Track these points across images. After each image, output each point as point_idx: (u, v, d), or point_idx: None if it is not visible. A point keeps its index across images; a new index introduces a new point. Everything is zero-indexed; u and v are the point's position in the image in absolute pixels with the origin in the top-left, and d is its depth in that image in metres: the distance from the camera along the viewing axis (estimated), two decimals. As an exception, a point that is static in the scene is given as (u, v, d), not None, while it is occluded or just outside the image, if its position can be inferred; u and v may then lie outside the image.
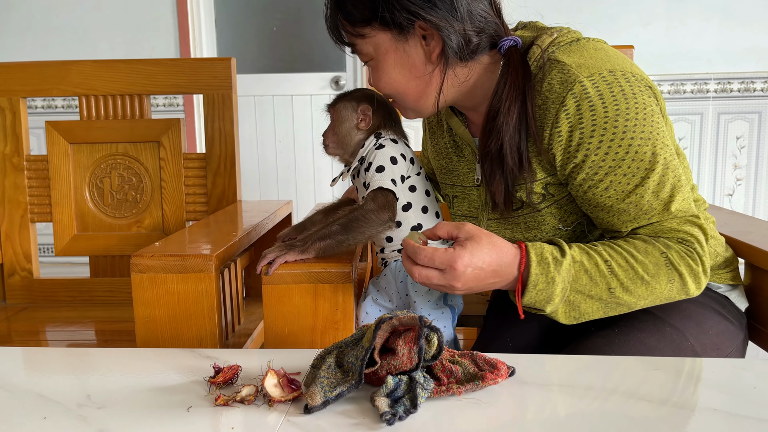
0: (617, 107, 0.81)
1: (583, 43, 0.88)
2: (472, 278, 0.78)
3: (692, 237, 0.83)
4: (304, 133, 3.46)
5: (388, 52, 0.88)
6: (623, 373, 0.68)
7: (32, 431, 0.57)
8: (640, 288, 0.81)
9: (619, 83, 0.82)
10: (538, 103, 0.85)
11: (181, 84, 1.53)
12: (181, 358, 0.74)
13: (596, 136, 0.81)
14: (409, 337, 0.63)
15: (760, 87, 3.16)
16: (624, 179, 0.82)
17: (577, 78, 0.82)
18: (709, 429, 0.56)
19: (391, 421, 0.57)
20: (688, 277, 0.82)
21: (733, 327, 0.93)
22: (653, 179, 0.82)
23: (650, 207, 0.83)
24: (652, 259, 0.81)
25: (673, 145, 0.88)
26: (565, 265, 0.79)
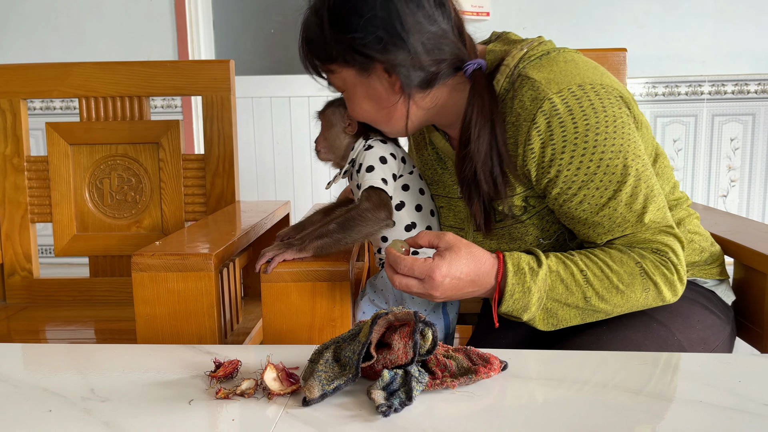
0: (587, 122, 0.83)
1: (553, 56, 0.89)
2: (450, 288, 0.81)
3: (666, 247, 0.85)
4: (301, 135, 3.48)
5: (356, 85, 0.91)
6: (612, 367, 0.70)
7: (38, 423, 0.58)
8: (615, 297, 0.84)
9: (589, 97, 0.84)
10: (510, 120, 0.88)
11: (181, 86, 1.55)
12: (181, 353, 0.75)
13: (567, 152, 0.84)
14: (405, 332, 0.64)
15: (754, 89, 3.19)
16: (597, 193, 0.85)
17: (546, 95, 0.84)
18: (694, 420, 0.58)
19: (387, 413, 0.58)
20: (663, 285, 0.85)
21: (720, 321, 0.95)
22: (625, 191, 0.84)
23: (624, 219, 0.85)
24: (627, 268, 0.84)
25: (647, 155, 0.89)
26: (541, 275, 0.82)
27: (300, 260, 0.95)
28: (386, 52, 0.85)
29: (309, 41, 0.91)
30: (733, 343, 0.99)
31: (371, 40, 0.85)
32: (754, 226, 1.16)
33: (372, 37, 0.84)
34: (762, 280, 0.97)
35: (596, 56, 1.46)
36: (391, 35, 0.84)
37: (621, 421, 0.58)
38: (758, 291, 0.99)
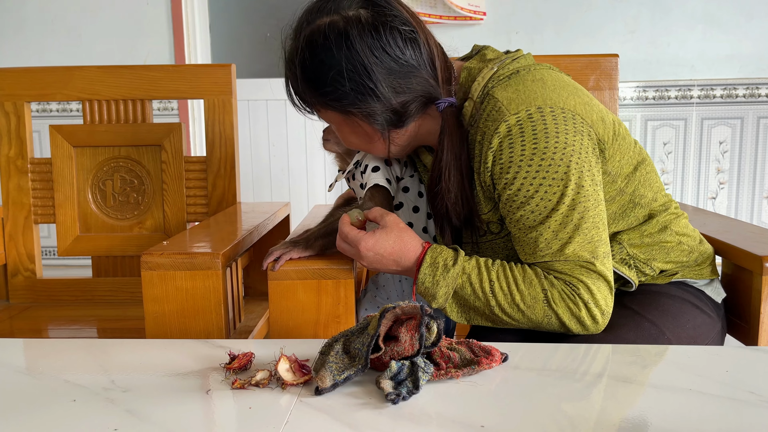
0: (535, 146, 0.86)
1: (522, 75, 0.92)
2: (374, 261, 0.91)
3: (580, 283, 0.86)
4: (297, 137, 3.51)
5: (340, 124, 0.97)
6: (606, 359, 0.74)
7: (64, 412, 0.61)
8: (516, 314, 0.88)
9: (544, 121, 0.86)
10: (478, 139, 0.92)
11: (183, 89, 1.58)
12: (195, 347, 0.79)
13: (511, 172, 0.87)
14: (411, 325, 0.68)
15: (742, 93, 3.25)
16: (531, 215, 0.88)
17: (504, 117, 0.88)
18: (685, 407, 0.61)
19: (395, 400, 0.62)
20: (567, 319, 0.87)
21: (710, 319, 0.99)
22: (555, 219, 0.87)
23: (547, 245, 0.87)
24: (532, 292, 0.87)
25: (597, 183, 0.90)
26: (452, 273, 0.88)
27: (306, 258, 0.98)
28: (357, 102, 0.89)
29: (289, 87, 0.96)
30: (724, 339, 1.03)
31: (341, 94, 0.88)
32: (742, 226, 1.20)
33: (341, 90, 0.88)
34: (749, 278, 1.02)
35: (589, 62, 1.51)
36: (359, 86, 0.87)
37: (614, 407, 0.62)
38: (746, 288, 1.03)
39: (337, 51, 0.86)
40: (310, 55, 0.88)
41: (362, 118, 0.91)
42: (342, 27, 0.87)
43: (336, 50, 0.86)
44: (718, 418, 0.59)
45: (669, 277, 1.00)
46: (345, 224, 0.92)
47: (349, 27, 0.87)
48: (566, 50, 3.05)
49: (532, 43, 3.05)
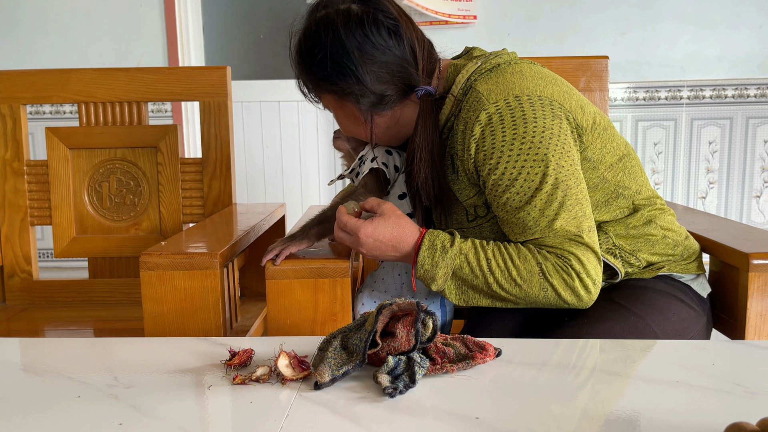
0: (515, 131, 0.92)
1: (503, 68, 0.99)
2: (373, 248, 0.95)
3: (570, 254, 0.91)
4: (291, 139, 3.52)
5: (336, 108, 1.05)
6: (595, 353, 0.76)
7: (69, 408, 0.63)
8: (514, 289, 0.92)
9: (522, 108, 0.92)
10: (460, 128, 0.97)
11: (178, 92, 1.59)
12: (195, 345, 0.80)
13: (494, 158, 0.93)
14: (407, 321, 0.70)
15: (731, 94, 3.29)
16: (517, 197, 0.93)
17: (483, 106, 0.93)
18: (671, 398, 0.63)
19: (393, 394, 0.64)
20: (562, 290, 0.91)
21: (695, 313, 1.01)
22: (540, 198, 0.92)
23: (535, 223, 0.93)
24: (527, 266, 0.92)
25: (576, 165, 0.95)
26: (450, 254, 0.92)
27: (304, 257, 1.00)
28: (340, 82, 0.97)
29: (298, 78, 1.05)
30: (709, 334, 1.06)
31: (326, 74, 0.98)
32: (730, 225, 1.23)
33: (325, 72, 0.97)
34: (735, 275, 1.04)
35: (580, 63, 1.53)
36: (341, 67, 0.96)
37: (603, 400, 0.64)
38: (732, 285, 1.06)
39: (325, 36, 0.96)
40: (304, 40, 1.00)
41: (347, 98, 0.99)
42: (332, 17, 0.97)
43: (324, 35, 0.96)
44: (705, 409, 0.61)
45: (655, 271, 1.03)
46: (342, 214, 0.96)
47: (337, 17, 0.97)
48: (558, 52, 3.08)
49: (524, 45, 3.08)
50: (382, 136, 1.05)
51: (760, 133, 3.33)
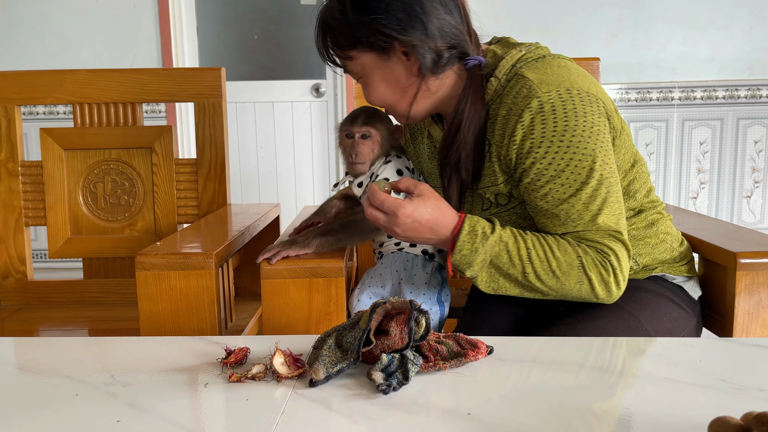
0: (566, 123, 0.91)
1: (548, 60, 0.97)
2: (410, 228, 0.91)
3: (610, 250, 0.93)
4: (285, 139, 3.53)
5: (374, 69, 0.98)
6: (585, 350, 0.78)
7: (68, 406, 0.64)
8: (551, 280, 0.92)
9: (573, 101, 0.92)
10: (502, 114, 0.96)
11: (173, 93, 1.60)
12: (191, 344, 0.81)
13: (543, 147, 0.92)
14: (401, 320, 0.71)
15: (722, 95, 3.32)
16: (561, 188, 0.92)
17: (536, 94, 0.92)
18: (659, 394, 0.65)
19: (386, 391, 0.65)
20: (597, 283, 0.93)
21: (686, 314, 1.03)
22: (586, 192, 0.92)
23: (578, 216, 0.93)
24: (567, 258, 0.92)
25: (615, 164, 0.96)
26: (490, 241, 0.91)
27: (301, 257, 1.01)
28: (405, 32, 0.92)
29: (329, 28, 0.98)
30: (699, 334, 1.07)
31: (393, 21, 0.92)
32: (718, 225, 1.25)
33: (393, 18, 0.92)
34: (723, 274, 1.06)
35: (571, 65, 1.55)
36: (410, 17, 0.92)
37: (593, 395, 0.65)
38: (720, 283, 1.08)
39: None
40: None
41: (408, 51, 0.94)
42: None
43: None
44: (691, 404, 0.63)
45: (649, 272, 1.05)
46: (378, 192, 0.91)
47: None
48: (550, 53, 3.10)
49: (516, 45, 3.10)
50: (420, 105, 1.00)
51: (750, 133, 3.36)
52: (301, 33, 3.56)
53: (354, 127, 1.12)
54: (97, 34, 3.28)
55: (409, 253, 1.13)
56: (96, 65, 3.24)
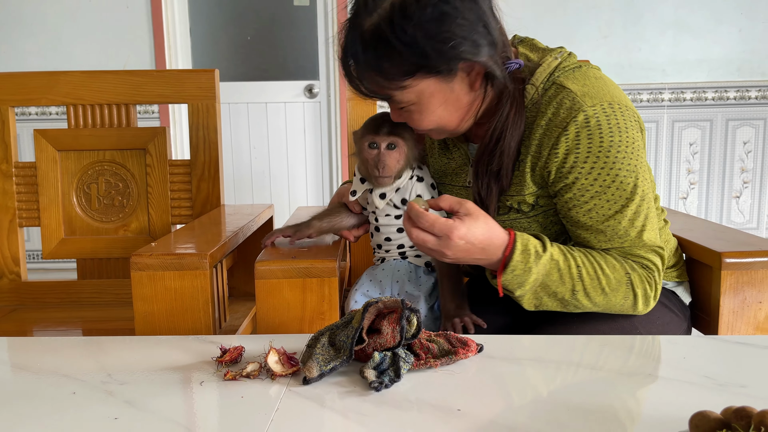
0: (611, 139, 0.90)
1: (584, 70, 0.96)
2: (462, 250, 0.86)
3: (654, 266, 0.95)
4: (278, 140, 3.54)
5: (433, 94, 0.91)
6: (575, 348, 0.79)
7: (66, 404, 0.65)
8: (599, 297, 0.93)
9: (616, 116, 0.91)
10: (540, 124, 0.94)
11: (167, 94, 1.60)
12: (186, 343, 0.82)
13: (589, 162, 0.91)
14: (393, 319, 0.73)
15: (711, 96, 3.36)
16: (606, 204, 0.92)
17: (581, 107, 0.90)
18: (642, 389, 0.67)
19: (378, 388, 0.66)
20: (641, 298, 0.94)
21: (678, 318, 1.05)
22: (631, 209, 0.92)
23: (625, 233, 0.93)
24: (617, 275, 0.93)
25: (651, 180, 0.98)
26: (543, 260, 0.90)
27: (294, 258, 1.02)
28: (477, 52, 0.88)
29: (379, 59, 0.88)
30: None
31: (464, 43, 0.87)
32: (706, 225, 1.27)
33: (463, 40, 0.86)
34: (709, 273, 1.08)
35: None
36: (479, 35, 0.88)
37: (579, 391, 0.67)
38: (706, 282, 1.10)
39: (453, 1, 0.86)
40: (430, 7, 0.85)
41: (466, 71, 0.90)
42: None
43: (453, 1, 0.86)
44: (674, 400, 0.64)
45: None
46: (426, 214, 0.85)
47: None
48: (542, 54, 3.13)
49: (508, 47, 3.12)
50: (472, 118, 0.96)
51: (739, 134, 3.40)
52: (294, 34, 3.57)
53: (379, 136, 1.03)
54: (90, 34, 3.28)
55: (412, 263, 1.13)
56: (89, 66, 3.24)
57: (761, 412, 0.51)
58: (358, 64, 0.90)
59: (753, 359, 0.78)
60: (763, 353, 0.79)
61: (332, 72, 3.39)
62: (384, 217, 1.11)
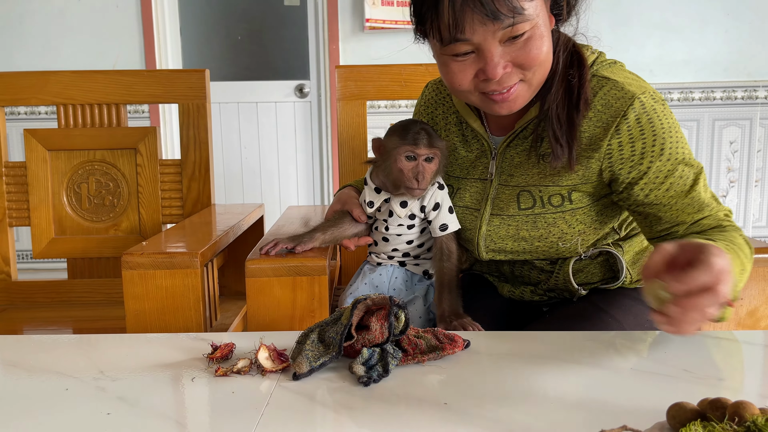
0: (668, 122, 0.93)
1: (619, 65, 1.00)
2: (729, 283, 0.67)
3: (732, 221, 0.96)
4: (268, 140, 3.55)
5: (540, 14, 0.87)
6: (559, 344, 0.81)
7: (58, 400, 0.66)
8: (748, 263, 0.89)
9: (661, 103, 0.95)
10: (589, 116, 0.94)
11: (158, 94, 1.61)
12: (178, 341, 0.83)
13: (657, 144, 0.92)
14: (381, 315, 0.74)
15: (698, 96, 3.39)
16: (680, 181, 0.94)
17: (635, 95, 0.92)
18: (622, 383, 0.69)
19: (367, 383, 0.68)
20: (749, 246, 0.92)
21: None
22: (702, 181, 0.95)
23: (708, 201, 0.95)
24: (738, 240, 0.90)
25: None
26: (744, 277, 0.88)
27: (284, 255, 1.04)
28: None
29: None
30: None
31: None
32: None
33: None
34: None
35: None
36: None
37: (562, 384, 0.68)
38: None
39: None
40: None
41: None
42: None
43: None
44: (653, 392, 0.66)
45: (636, 284, 1.09)
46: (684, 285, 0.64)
47: None
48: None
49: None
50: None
51: (726, 134, 3.44)
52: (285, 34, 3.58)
53: (419, 148, 0.99)
54: (79, 34, 3.27)
55: (408, 271, 1.13)
56: (78, 66, 3.23)
57: (735, 403, 0.53)
58: None
59: (731, 353, 0.81)
60: (741, 348, 0.82)
61: (323, 72, 3.40)
62: (396, 227, 1.08)
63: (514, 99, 0.91)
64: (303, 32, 3.44)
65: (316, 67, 3.44)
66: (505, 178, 1.02)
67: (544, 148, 0.98)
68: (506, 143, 1.02)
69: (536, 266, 1.07)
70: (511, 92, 0.90)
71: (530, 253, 1.04)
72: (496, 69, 0.86)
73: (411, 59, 1.54)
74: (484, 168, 1.05)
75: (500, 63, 0.86)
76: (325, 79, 3.39)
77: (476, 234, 1.05)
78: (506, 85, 0.89)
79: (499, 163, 1.03)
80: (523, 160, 1.01)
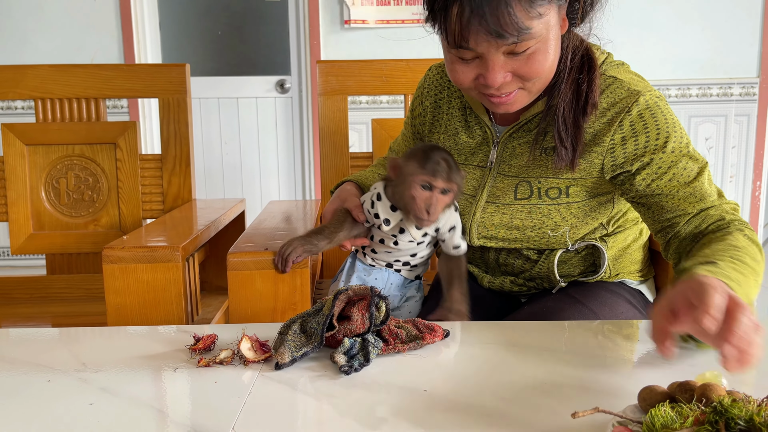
0: (672, 117, 0.96)
1: (626, 66, 1.02)
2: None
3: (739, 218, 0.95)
4: (249, 135, 3.53)
5: (552, 28, 0.87)
6: (538, 333, 0.83)
7: (41, 391, 0.66)
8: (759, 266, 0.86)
9: (664, 102, 0.97)
10: (595, 113, 0.96)
11: (137, 88, 1.60)
12: (160, 333, 0.84)
13: (661, 137, 0.94)
14: (362, 306, 0.75)
15: (675, 93, 3.45)
16: (684, 172, 0.96)
17: (639, 92, 0.95)
18: (596, 368, 0.71)
19: (348, 372, 0.69)
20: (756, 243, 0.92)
21: (640, 314, 1.09)
22: (706, 174, 0.97)
23: (710, 192, 0.96)
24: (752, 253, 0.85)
25: None
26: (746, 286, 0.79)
27: (266, 249, 1.04)
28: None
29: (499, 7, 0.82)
30: None
31: None
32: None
33: None
34: (665, 262, 1.13)
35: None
36: None
37: (537, 370, 0.70)
38: (663, 271, 1.15)
39: None
40: None
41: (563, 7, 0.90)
42: None
43: None
44: (625, 377, 0.68)
45: (614, 278, 1.11)
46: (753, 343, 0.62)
47: None
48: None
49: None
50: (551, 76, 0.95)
51: (701, 131, 3.50)
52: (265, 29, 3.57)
53: (437, 180, 0.96)
54: (57, 28, 3.23)
55: (401, 276, 1.13)
56: (56, 60, 3.19)
57: (702, 385, 0.55)
58: None
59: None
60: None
61: (304, 67, 3.40)
62: (407, 243, 1.06)
63: (512, 103, 0.94)
64: (284, 27, 3.43)
65: (297, 63, 3.44)
66: (505, 167, 1.03)
67: (547, 141, 1.00)
68: (509, 133, 1.03)
69: (523, 254, 1.09)
70: (509, 97, 0.92)
71: (521, 242, 1.05)
72: (496, 78, 0.88)
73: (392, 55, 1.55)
74: (485, 156, 1.06)
75: (501, 73, 0.88)
76: (306, 74, 3.39)
77: (470, 220, 1.06)
78: (505, 91, 0.91)
79: (500, 152, 1.04)
80: (524, 152, 1.02)
